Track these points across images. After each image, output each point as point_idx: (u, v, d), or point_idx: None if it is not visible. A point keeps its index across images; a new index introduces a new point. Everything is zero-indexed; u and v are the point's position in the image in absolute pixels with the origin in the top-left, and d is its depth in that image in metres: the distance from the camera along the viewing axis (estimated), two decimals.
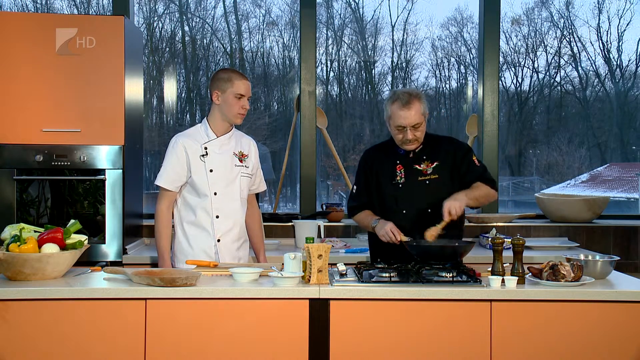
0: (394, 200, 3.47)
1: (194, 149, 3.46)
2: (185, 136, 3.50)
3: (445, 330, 2.83)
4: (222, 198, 3.47)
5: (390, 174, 3.50)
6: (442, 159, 3.46)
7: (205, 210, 3.46)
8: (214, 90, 3.46)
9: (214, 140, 3.49)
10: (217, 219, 3.47)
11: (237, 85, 3.43)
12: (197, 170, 3.45)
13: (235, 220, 3.51)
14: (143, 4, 5.69)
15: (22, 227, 3.04)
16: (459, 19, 5.92)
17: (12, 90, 3.90)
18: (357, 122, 6.00)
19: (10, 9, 5.45)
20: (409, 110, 3.33)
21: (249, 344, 2.83)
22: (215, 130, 3.51)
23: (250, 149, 3.62)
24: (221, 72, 3.49)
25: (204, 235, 3.47)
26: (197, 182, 3.45)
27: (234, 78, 3.44)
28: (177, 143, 3.48)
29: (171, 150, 3.48)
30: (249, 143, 3.63)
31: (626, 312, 2.83)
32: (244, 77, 3.48)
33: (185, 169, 3.45)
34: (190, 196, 3.48)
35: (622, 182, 6.00)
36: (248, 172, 3.58)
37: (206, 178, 3.45)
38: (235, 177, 3.52)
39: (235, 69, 3.93)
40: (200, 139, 3.49)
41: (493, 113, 5.07)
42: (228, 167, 3.50)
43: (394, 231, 3.30)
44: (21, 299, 2.80)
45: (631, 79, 5.97)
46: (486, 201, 3.49)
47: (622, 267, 3.66)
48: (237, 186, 3.52)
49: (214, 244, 3.47)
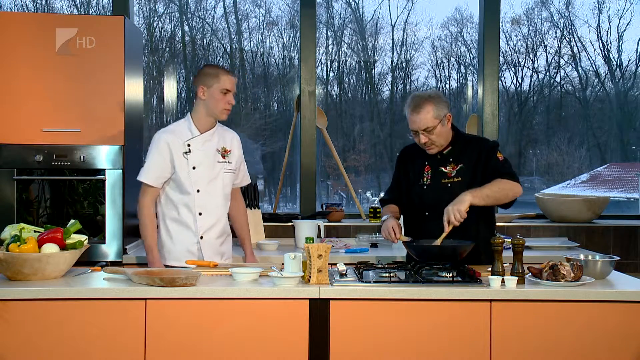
0: (419, 202, 3.43)
1: (177, 145, 3.45)
2: (169, 132, 3.49)
3: (445, 330, 2.83)
4: (204, 195, 3.47)
5: (418, 174, 3.45)
6: (467, 160, 3.38)
7: (188, 207, 3.47)
8: (200, 85, 3.45)
9: (197, 137, 3.48)
10: (200, 216, 3.47)
11: (223, 80, 3.43)
12: (180, 167, 3.44)
13: (218, 216, 3.52)
14: (143, 4, 5.69)
15: (22, 227, 3.04)
16: (459, 19, 5.92)
17: (12, 90, 3.90)
18: (357, 122, 6.00)
19: (10, 9, 5.45)
20: (418, 114, 3.29)
21: (249, 344, 2.83)
22: (198, 126, 3.50)
23: (233, 144, 3.60)
24: (207, 68, 3.49)
25: (187, 232, 3.48)
26: (180, 179, 3.44)
27: (220, 73, 3.44)
28: (160, 139, 3.46)
29: (154, 147, 3.47)
30: (232, 137, 3.62)
31: (626, 312, 2.83)
32: (230, 73, 3.48)
33: (168, 165, 3.45)
34: (173, 192, 3.48)
35: (622, 182, 6.00)
36: (231, 168, 3.57)
37: (189, 175, 3.45)
38: (218, 174, 3.51)
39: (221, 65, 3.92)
40: (184, 135, 3.48)
41: (493, 113, 5.08)
42: (211, 164, 3.49)
43: (395, 229, 3.30)
44: (21, 299, 2.80)
45: (631, 79, 5.97)
46: (504, 196, 3.26)
47: (622, 267, 3.66)
48: (220, 183, 3.51)
49: (196, 241, 3.47)
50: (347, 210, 5.13)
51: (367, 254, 4.05)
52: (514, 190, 3.29)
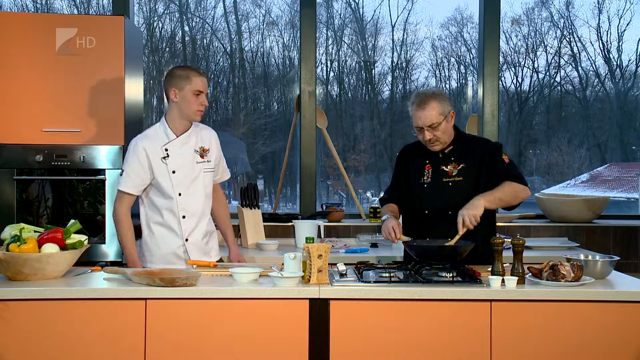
0: (418, 200, 3.44)
1: (155, 151, 3.42)
2: (145, 138, 3.44)
3: (445, 330, 2.83)
4: (186, 198, 3.45)
5: (418, 173, 3.46)
6: (469, 160, 3.39)
7: (171, 211, 3.44)
8: (171, 88, 3.40)
9: (174, 141, 3.45)
10: (184, 219, 3.45)
11: (195, 81, 3.38)
12: (159, 172, 3.41)
13: (201, 217, 3.50)
14: (143, 4, 5.69)
15: (22, 227, 3.04)
16: (459, 19, 5.93)
17: (12, 90, 3.90)
18: (357, 122, 6.00)
19: (10, 9, 5.45)
20: (424, 110, 3.29)
21: (249, 344, 2.83)
22: (174, 129, 3.46)
23: (212, 142, 3.57)
24: (177, 70, 3.44)
25: (172, 236, 3.46)
26: (160, 184, 3.42)
27: (191, 75, 3.39)
28: (137, 146, 3.41)
29: (132, 154, 3.41)
30: (209, 135, 3.58)
31: (626, 312, 2.82)
32: (201, 74, 3.44)
33: (147, 172, 3.41)
34: (156, 197, 3.46)
35: (622, 182, 6.00)
36: (210, 167, 3.55)
37: (169, 180, 3.42)
38: (198, 175, 3.49)
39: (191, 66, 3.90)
40: (160, 140, 3.44)
41: (493, 113, 5.08)
42: (190, 166, 3.47)
43: (395, 229, 3.30)
44: (21, 299, 2.80)
45: (631, 79, 5.97)
46: (514, 199, 3.30)
47: (622, 267, 3.66)
48: (200, 183, 3.49)
49: (182, 244, 3.46)
50: (347, 210, 5.13)
51: (367, 254, 4.05)
52: (525, 192, 3.34)
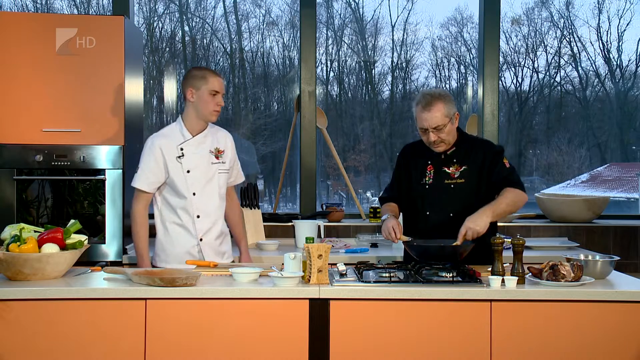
0: (419, 201, 3.43)
1: (171, 150, 3.45)
2: (161, 137, 3.49)
3: (445, 330, 2.83)
4: (201, 198, 3.47)
5: (420, 174, 3.45)
6: (471, 163, 3.38)
7: (185, 210, 3.47)
8: (188, 87, 3.45)
9: (189, 140, 3.48)
10: (198, 219, 3.47)
11: (211, 82, 3.42)
12: (174, 171, 3.45)
13: (215, 217, 3.53)
14: (143, 4, 5.69)
15: (22, 227, 3.04)
16: (459, 19, 5.93)
17: (12, 90, 3.90)
18: (357, 122, 6.00)
19: (10, 9, 5.45)
20: (429, 112, 3.28)
21: (249, 344, 2.83)
22: (190, 129, 3.50)
23: (227, 144, 3.60)
24: (195, 70, 3.49)
25: (186, 235, 3.48)
26: (175, 183, 3.45)
27: (208, 75, 3.44)
28: (153, 144, 3.46)
29: (148, 152, 3.46)
30: (225, 137, 3.61)
31: (626, 312, 2.83)
32: (217, 74, 3.48)
33: (162, 170, 3.45)
34: (171, 197, 3.48)
35: (622, 182, 6.00)
36: (225, 168, 3.57)
37: (184, 179, 3.45)
38: (213, 176, 3.51)
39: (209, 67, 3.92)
40: (176, 139, 3.48)
41: (493, 113, 5.07)
42: (205, 167, 3.49)
43: (395, 229, 3.29)
44: (21, 299, 2.80)
45: (631, 79, 5.97)
46: (515, 208, 3.32)
47: (622, 267, 3.66)
48: (215, 184, 3.52)
49: (196, 243, 3.48)
50: (347, 210, 5.13)
51: (367, 254, 4.05)
52: (524, 201, 3.36)
